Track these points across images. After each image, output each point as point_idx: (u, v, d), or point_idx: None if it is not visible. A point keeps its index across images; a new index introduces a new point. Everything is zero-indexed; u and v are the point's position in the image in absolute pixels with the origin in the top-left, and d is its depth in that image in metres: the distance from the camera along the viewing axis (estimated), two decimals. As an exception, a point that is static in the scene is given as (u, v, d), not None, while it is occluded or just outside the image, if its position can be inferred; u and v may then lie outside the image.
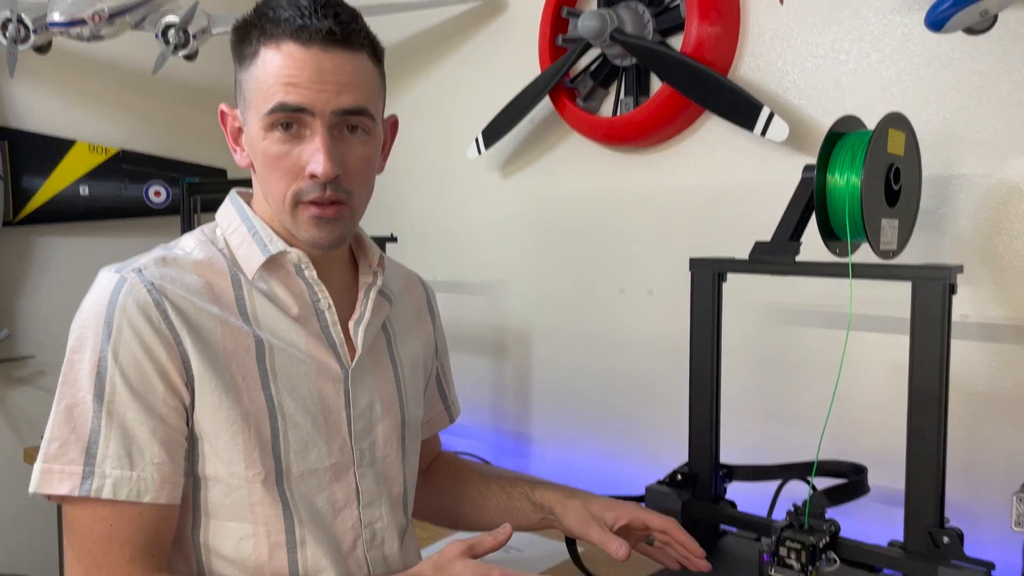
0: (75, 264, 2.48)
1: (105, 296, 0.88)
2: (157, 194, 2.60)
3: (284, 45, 0.88)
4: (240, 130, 0.97)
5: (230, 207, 1.01)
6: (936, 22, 1.01)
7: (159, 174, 2.60)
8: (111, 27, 1.87)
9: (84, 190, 2.49)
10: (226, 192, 1.04)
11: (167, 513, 0.89)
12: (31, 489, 0.88)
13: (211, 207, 1.07)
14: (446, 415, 1.26)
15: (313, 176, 0.90)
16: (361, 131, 0.93)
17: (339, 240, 0.96)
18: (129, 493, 0.85)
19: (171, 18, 1.97)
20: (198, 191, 2.19)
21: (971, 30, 1.02)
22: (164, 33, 1.95)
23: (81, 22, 1.81)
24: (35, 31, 1.87)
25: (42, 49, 2.00)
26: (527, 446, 2.13)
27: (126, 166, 2.56)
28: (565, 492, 1.19)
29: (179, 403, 0.89)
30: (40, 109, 2.40)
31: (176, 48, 1.94)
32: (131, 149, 2.56)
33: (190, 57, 2.03)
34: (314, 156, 0.89)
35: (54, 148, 2.43)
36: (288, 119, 0.89)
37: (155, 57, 2.06)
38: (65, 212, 2.46)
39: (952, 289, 1.06)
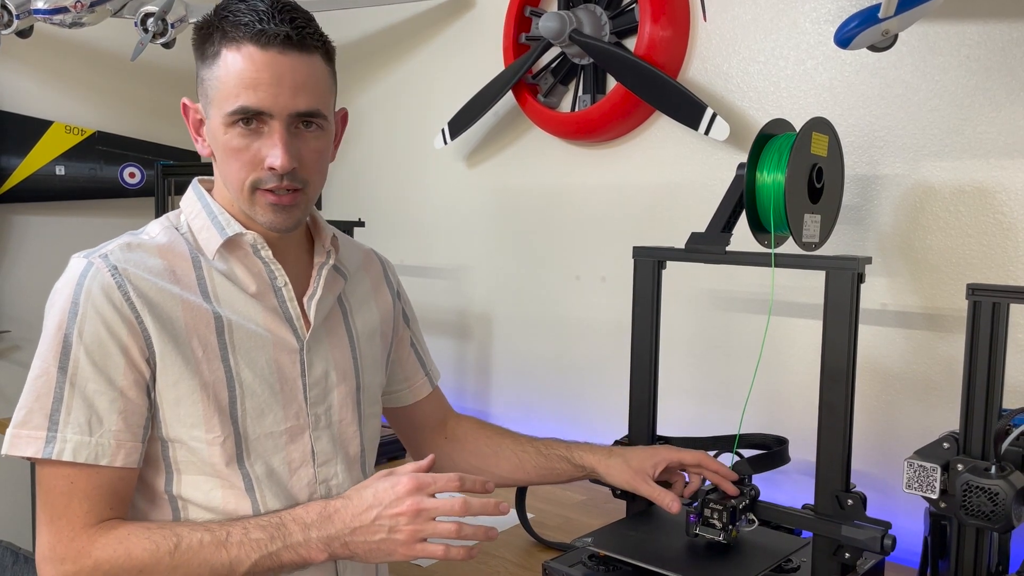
0: (50, 242, 2.55)
1: (73, 280, 0.98)
2: (132, 175, 2.65)
3: (244, 47, 0.97)
4: (201, 122, 1.06)
5: (192, 195, 1.11)
6: (843, 40, 1.12)
7: (134, 156, 2.65)
8: (92, 14, 1.93)
9: (60, 170, 2.53)
10: (200, 175, 1.14)
11: (124, 474, 0.99)
12: (2, 451, 1.00)
13: (185, 189, 1.15)
14: (427, 382, 1.36)
15: (271, 168, 0.99)
16: (315, 127, 1.03)
17: (295, 224, 1.06)
18: (88, 456, 0.96)
19: (150, 7, 2.04)
20: (172, 173, 2.25)
21: (874, 47, 1.13)
22: (143, 21, 2.02)
23: (64, 10, 1.88)
24: (19, 16, 1.93)
25: (24, 34, 2.06)
26: (486, 419, 2.23)
27: (102, 147, 2.60)
28: (603, 453, 1.32)
29: (139, 377, 0.98)
30: (18, 90, 2.44)
31: (154, 36, 2.00)
32: (107, 131, 2.61)
33: (168, 45, 2.10)
34: (272, 151, 0.98)
35: (31, 128, 2.47)
36: (249, 117, 0.99)
37: (132, 41, 2.12)
38: (41, 191, 2.51)
39: (860, 278, 1.17)
